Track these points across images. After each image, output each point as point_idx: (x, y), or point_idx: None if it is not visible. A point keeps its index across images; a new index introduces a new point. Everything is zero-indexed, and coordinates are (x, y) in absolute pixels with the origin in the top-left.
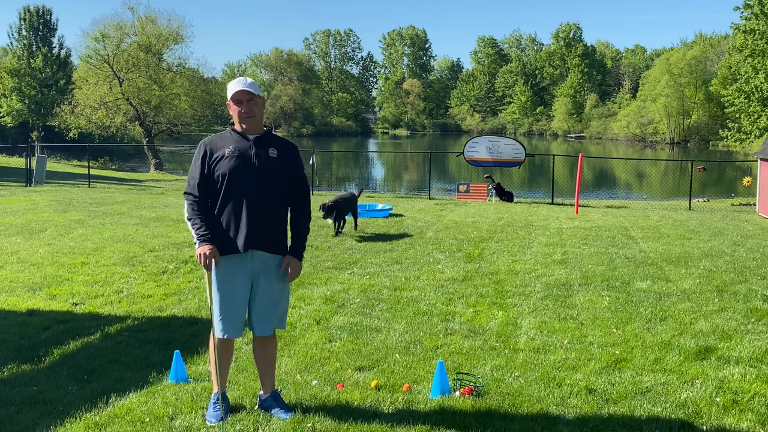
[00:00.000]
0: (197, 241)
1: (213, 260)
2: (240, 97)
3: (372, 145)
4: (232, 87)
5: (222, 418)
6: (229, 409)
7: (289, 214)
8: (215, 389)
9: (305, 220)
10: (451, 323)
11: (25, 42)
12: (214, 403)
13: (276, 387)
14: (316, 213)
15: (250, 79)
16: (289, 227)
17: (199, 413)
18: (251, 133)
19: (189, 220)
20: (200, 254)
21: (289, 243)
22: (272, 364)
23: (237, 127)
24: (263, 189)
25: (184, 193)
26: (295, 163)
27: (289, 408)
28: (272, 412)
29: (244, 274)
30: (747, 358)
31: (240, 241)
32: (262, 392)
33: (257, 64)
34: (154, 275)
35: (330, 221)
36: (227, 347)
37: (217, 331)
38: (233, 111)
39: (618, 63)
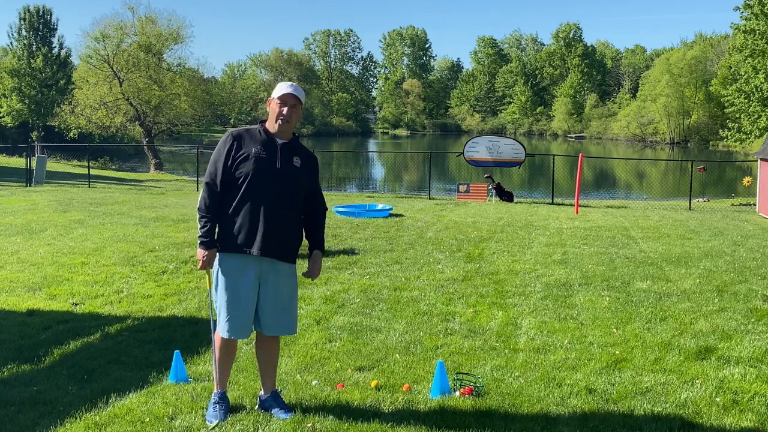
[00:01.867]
0: (200, 241)
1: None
2: (287, 100)
3: (372, 145)
4: (283, 88)
5: (222, 418)
6: (229, 409)
7: (305, 220)
8: (216, 389)
9: (324, 222)
10: (451, 323)
11: (25, 42)
12: (214, 403)
13: (276, 387)
14: None
15: (300, 88)
16: (305, 227)
17: (199, 413)
18: (281, 138)
19: (200, 211)
20: (200, 258)
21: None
22: (274, 365)
23: (269, 126)
24: (282, 195)
25: (205, 182)
26: (315, 174)
27: (289, 408)
28: (272, 412)
29: (253, 275)
30: (747, 358)
31: (255, 245)
32: (262, 392)
33: (257, 64)
34: (154, 275)
35: None
36: (230, 347)
37: (223, 331)
38: (273, 109)
39: (618, 63)
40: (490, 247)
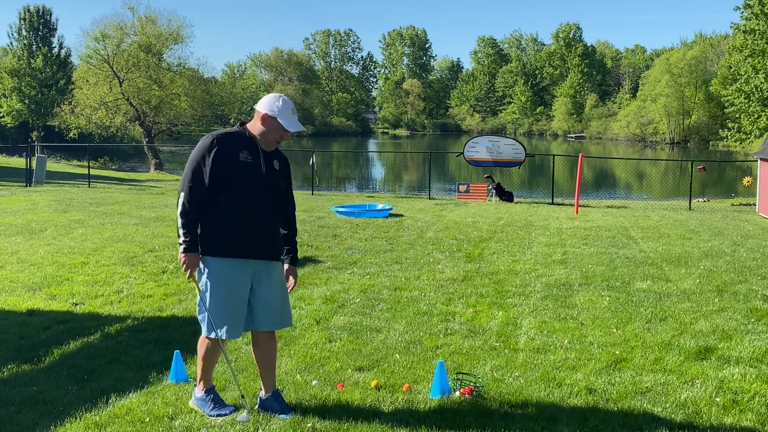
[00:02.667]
0: (182, 246)
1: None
2: (287, 133)
3: (372, 145)
4: (291, 119)
5: (230, 410)
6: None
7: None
8: (205, 387)
9: (296, 228)
10: (451, 323)
11: (25, 42)
12: (212, 400)
13: (276, 387)
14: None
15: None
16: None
17: (199, 413)
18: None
19: (184, 216)
20: (185, 262)
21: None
22: (274, 363)
23: (256, 134)
24: (268, 198)
25: (189, 186)
26: (289, 175)
27: (289, 408)
28: (272, 412)
29: (247, 277)
30: (747, 358)
31: (250, 248)
32: (262, 392)
33: (257, 64)
34: (154, 275)
35: None
36: (223, 345)
37: (223, 333)
38: (271, 130)
39: (618, 63)
40: (490, 247)
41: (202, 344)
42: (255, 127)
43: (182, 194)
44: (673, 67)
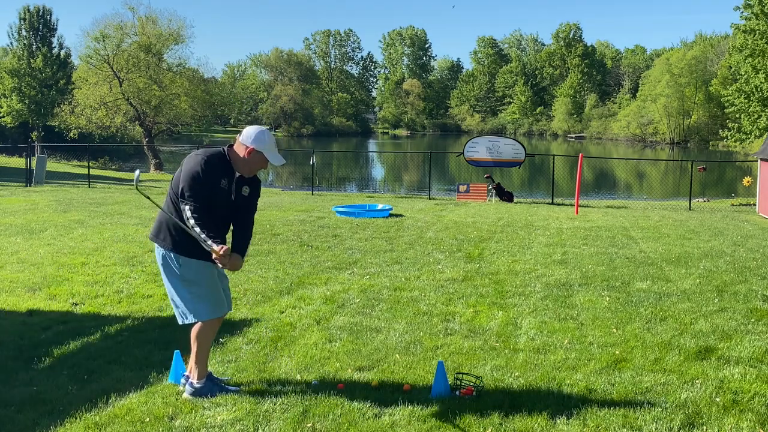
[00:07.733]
0: (212, 241)
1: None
2: (269, 165)
3: (372, 145)
4: (275, 155)
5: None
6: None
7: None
8: (205, 376)
9: (249, 238)
10: (451, 323)
11: (25, 42)
12: (213, 385)
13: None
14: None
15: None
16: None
17: (199, 413)
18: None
19: (198, 222)
20: (224, 252)
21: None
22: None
23: (238, 162)
24: (228, 218)
25: (195, 205)
26: (257, 197)
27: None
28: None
29: (214, 270)
30: (747, 358)
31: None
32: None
33: (257, 64)
34: (154, 275)
35: None
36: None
37: (219, 311)
38: (256, 162)
39: (618, 63)
40: (490, 247)
41: (203, 330)
42: (238, 155)
43: (189, 206)
44: (673, 67)
